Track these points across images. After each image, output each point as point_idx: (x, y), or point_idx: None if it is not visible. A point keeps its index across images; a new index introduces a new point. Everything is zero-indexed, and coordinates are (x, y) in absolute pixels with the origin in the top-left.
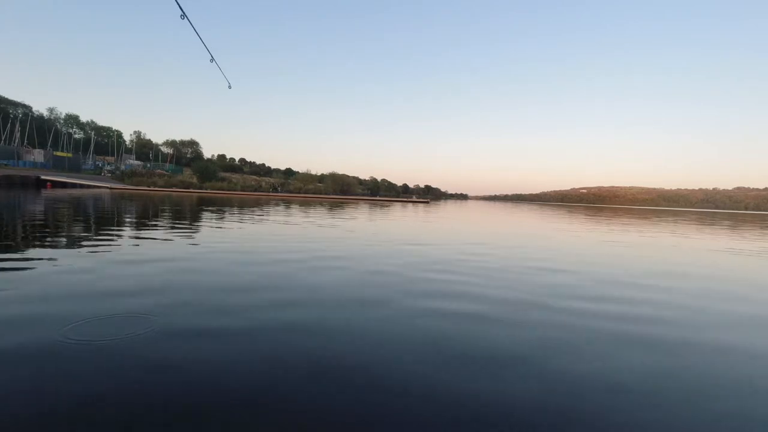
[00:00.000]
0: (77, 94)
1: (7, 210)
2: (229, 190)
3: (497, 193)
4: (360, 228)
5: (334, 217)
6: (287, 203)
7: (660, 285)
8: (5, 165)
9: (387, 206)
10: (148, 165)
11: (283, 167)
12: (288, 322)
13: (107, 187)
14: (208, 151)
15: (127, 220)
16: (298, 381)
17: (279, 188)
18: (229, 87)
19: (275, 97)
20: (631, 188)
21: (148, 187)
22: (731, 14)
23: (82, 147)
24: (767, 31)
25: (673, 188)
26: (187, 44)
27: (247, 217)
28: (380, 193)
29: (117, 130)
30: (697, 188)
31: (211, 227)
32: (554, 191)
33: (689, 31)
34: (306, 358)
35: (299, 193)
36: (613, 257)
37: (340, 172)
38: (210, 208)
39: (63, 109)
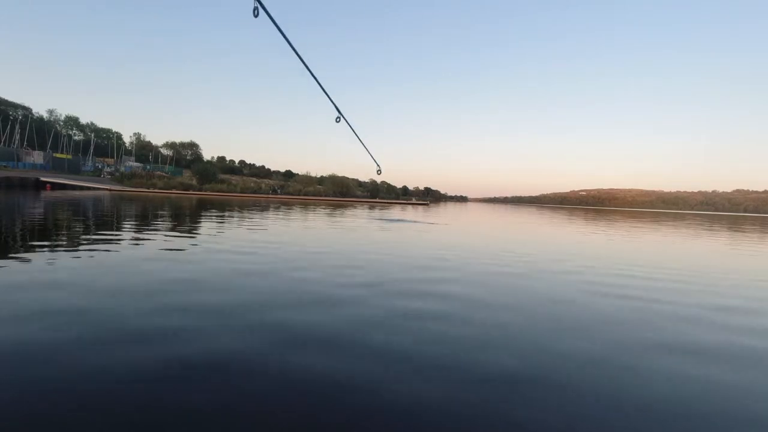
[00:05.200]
0: (77, 95)
1: (8, 214)
2: (228, 192)
3: (497, 195)
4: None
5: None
6: (286, 205)
7: None
8: (5, 166)
9: (387, 208)
10: (148, 167)
11: (282, 169)
12: None
13: (107, 189)
14: (208, 153)
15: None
16: None
17: (278, 190)
18: (379, 172)
19: (275, 98)
20: (630, 190)
21: (148, 189)
22: (731, 15)
23: (81, 149)
24: (767, 32)
25: (672, 190)
26: (187, 45)
27: (212, 225)
28: (380, 195)
29: (117, 132)
30: (696, 190)
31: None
32: (553, 193)
33: (688, 33)
34: None
35: (299, 195)
36: None
37: (340, 174)
38: (168, 213)
39: (63, 111)
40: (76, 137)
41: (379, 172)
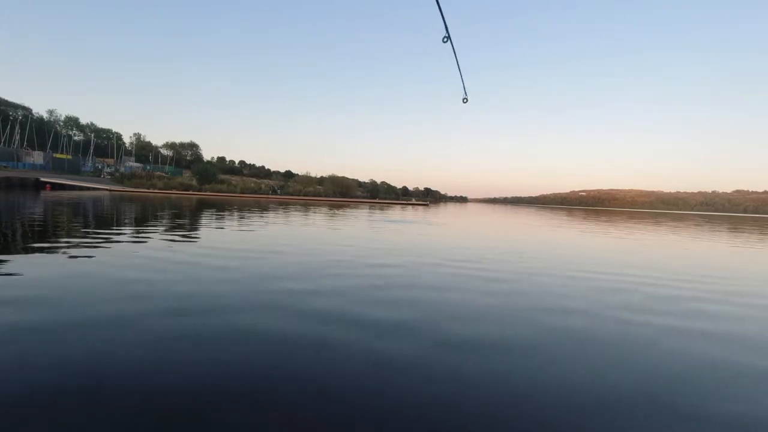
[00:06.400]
0: (77, 95)
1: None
2: (228, 193)
3: (496, 196)
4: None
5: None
6: (285, 205)
7: None
8: (5, 167)
9: (387, 208)
10: (148, 167)
11: (282, 170)
12: None
13: (106, 189)
14: (208, 153)
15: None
16: None
17: (278, 191)
18: (465, 100)
19: (276, 99)
20: (630, 191)
21: (148, 189)
22: (730, 16)
23: (81, 149)
24: (767, 32)
25: (672, 191)
26: (186, 45)
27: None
28: (380, 195)
29: (117, 132)
30: (696, 191)
31: None
32: (553, 194)
33: (687, 33)
34: None
35: (299, 195)
36: None
37: (340, 175)
38: (160, 215)
39: (63, 111)
40: (76, 137)
41: (465, 100)
